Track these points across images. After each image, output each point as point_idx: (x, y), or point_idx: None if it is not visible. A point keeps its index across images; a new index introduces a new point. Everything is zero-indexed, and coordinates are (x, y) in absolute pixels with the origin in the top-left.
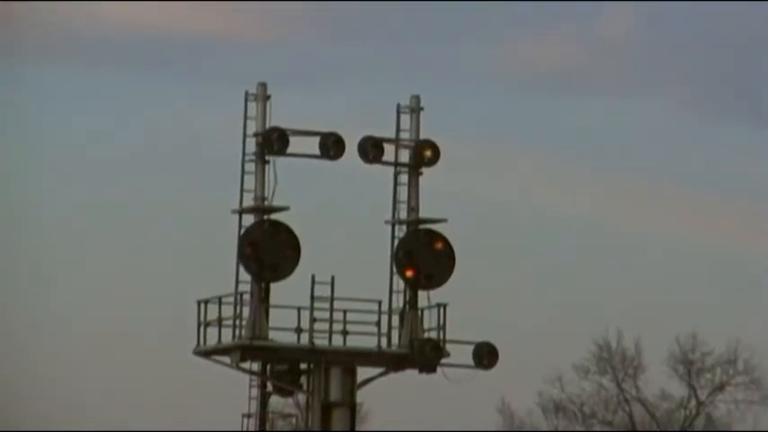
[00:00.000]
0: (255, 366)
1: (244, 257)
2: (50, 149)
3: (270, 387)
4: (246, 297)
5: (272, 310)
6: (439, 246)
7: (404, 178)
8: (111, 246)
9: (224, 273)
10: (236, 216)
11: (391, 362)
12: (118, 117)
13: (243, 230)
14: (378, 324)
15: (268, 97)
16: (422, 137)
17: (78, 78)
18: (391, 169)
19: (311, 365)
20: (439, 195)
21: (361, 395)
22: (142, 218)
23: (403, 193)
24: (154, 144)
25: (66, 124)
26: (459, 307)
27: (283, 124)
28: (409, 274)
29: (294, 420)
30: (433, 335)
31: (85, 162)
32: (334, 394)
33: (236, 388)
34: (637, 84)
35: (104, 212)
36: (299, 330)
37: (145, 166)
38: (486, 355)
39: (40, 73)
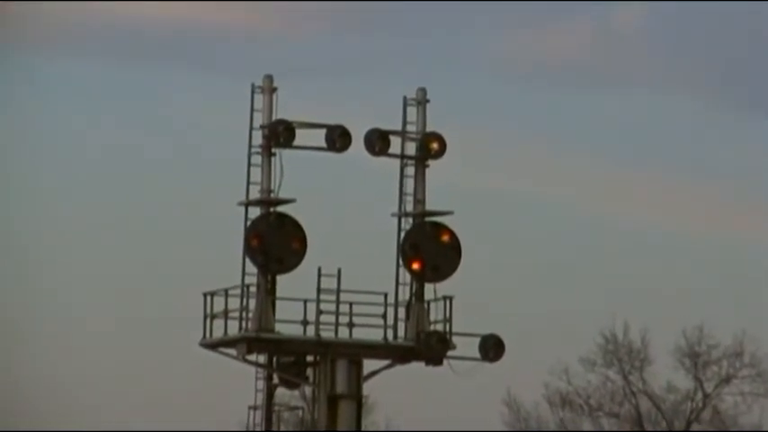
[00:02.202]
0: (262, 359)
1: (250, 250)
2: (54, 145)
3: (276, 379)
4: (253, 289)
5: (278, 303)
6: (445, 238)
7: (410, 171)
8: (116, 238)
9: (230, 265)
10: (243, 208)
11: (397, 354)
12: (122, 111)
13: (249, 223)
14: (384, 316)
15: (274, 90)
16: (428, 129)
17: (82, 73)
18: (397, 162)
19: (317, 358)
20: (445, 188)
21: (367, 387)
22: (147, 210)
23: (409, 185)
24: (159, 137)
25: (71, 119)
26: (466, 299)
27: (289, 117)
28: (415, 266)
29: (300, 412)
30: (440, 327)
31: (90, 155)
32: (341, 386)
33: (242, 380)
34: (649, 78)
35: (109, 205)
36: (305, 323)
37: (150, 159)
38: (492, 348)
39: (44, 68)
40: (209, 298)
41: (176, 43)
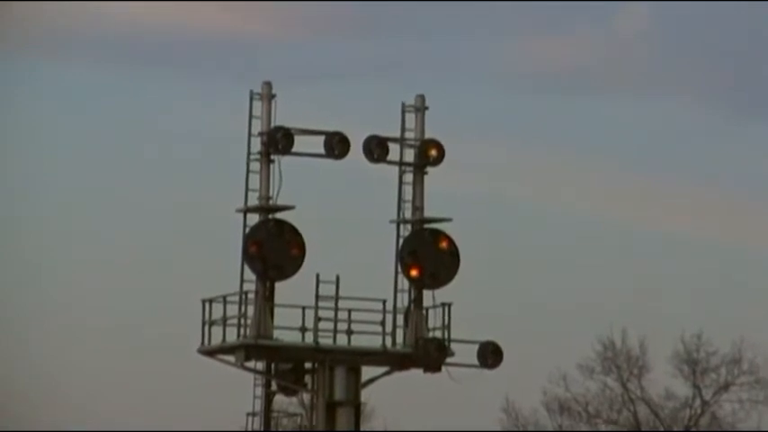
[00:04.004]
0: (260, 365)
1: (248, 256)
2: (51, 148)
3: (274, 386)
4: (251, 296)
5: (276, 310)
6: (444, 245)
7: (409, 177)
8: (114, 245)
9: (229, 272)
10: (241, 215)
11: (396, 361)
12: (120, 115)
13: (248, 229)
14: (382, 323)
15: (273, 96)
16: (427, 136)
17: (80, 77)
18: (396, 168)
19: (316, 365)
20: (444, 195)
21: (365, 394)
22: (146, 216)
23: (408, 192)
24: (157, 143)
25: (70, 122)
26: (464, 306)
27: (288, 123)
28: (414, 273)
29: (299, 419)
30: (438, 334)
31: (87, 161)
32: (339, 393)
33: (240, 387)
34: (651, 83)
35: (107, 211)
36: (303, 329)
37: (148, 165)
38: (490, 355)
39: (44, 70)
40: (207, 304)
41: (175, 49)
